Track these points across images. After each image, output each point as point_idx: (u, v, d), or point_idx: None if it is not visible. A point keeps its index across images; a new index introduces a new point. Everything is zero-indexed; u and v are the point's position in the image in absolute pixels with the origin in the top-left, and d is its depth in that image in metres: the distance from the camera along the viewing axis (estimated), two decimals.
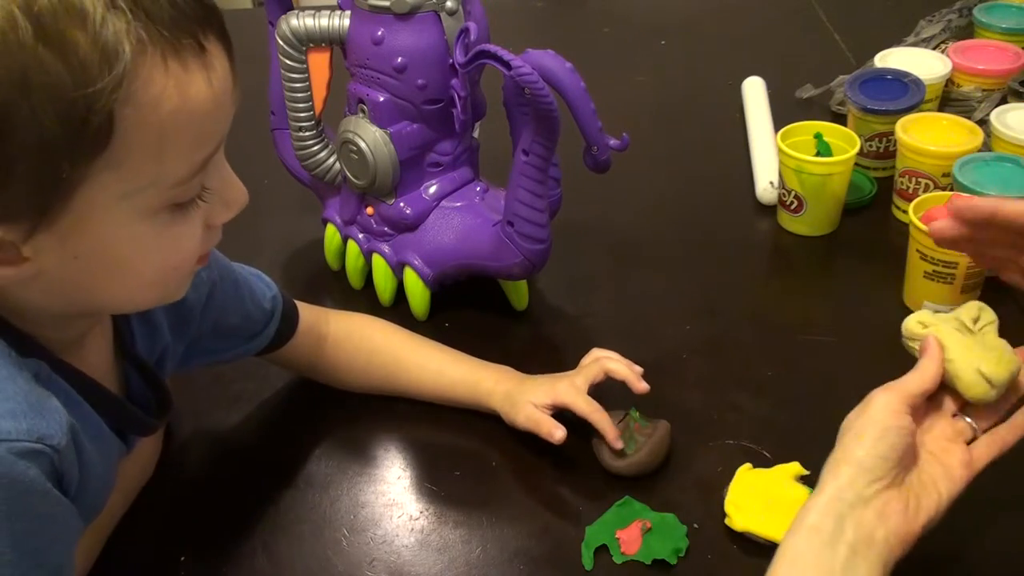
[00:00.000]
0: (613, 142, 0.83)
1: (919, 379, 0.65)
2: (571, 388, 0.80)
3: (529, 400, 0.80)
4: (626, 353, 0.82)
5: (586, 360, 0.83)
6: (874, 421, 0.62)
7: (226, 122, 0.55)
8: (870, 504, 0.60)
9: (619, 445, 0.77)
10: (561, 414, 0.79)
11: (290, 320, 0.83)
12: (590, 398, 0.79)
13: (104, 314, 0.66)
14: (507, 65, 0.77)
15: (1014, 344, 0.70)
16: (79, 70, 0.46)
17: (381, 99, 0.87)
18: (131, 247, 0.54)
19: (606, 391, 0.81)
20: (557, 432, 0.78)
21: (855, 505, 0.59)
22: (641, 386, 0.79)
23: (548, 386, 0.81)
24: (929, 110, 1.12)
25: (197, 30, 0.51)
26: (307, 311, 0.85)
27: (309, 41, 0.90)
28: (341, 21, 0.88)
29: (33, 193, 0.49)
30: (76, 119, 0.47)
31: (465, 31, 0.81)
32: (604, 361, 0.81)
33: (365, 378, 0.87)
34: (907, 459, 0.62)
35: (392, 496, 0.79)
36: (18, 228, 0.50)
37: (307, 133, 0.95)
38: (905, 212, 0.97)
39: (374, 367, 0.87)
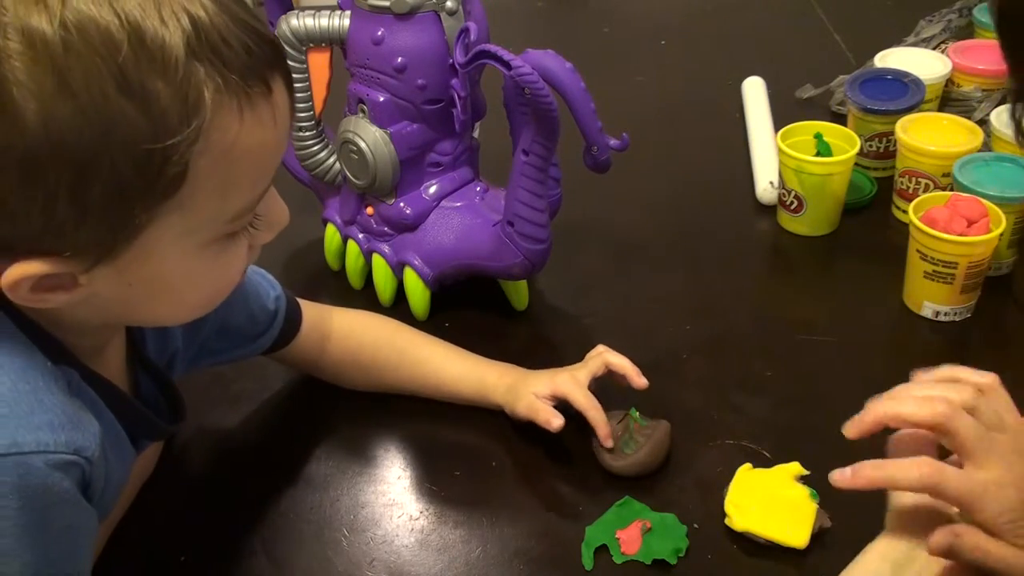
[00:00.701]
0: (613, 142, 0.83)
1: None
2: (571, 380, 0.80)
3: (531, 390, 0.81)
4: (626, 353, 0.82)
5: (590, 355, 0.83)
6: None
7: (283, 154, 0.56)
8: None
9: (609, 443, 0.78)
10: (564, 410, 0.79)
11: (294, 320, 0.83)
12: (589, 393, 0.80)
13: (142, 325, 0.66)
14: (507, 65, 0.77)
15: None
16: (159, 122, 0.47)
17: (381, 99, 0.87)
18: (183, 276, 0.55)
19: (606, 391, 0.81)
20: (555, 420, 0.78)
21: None
22: (640, 381, 0.80)
23: (549, 377, 0.81)
24: (929, 110, 1.12)
25: (267, 72, 0.51)
26: (310, 309, 0.85)
27: (309, 41, 0.90)
28: (341, 21, 0.88)
29: (104, 233, 0.50)
30: (153, 169, 0.47)
31: (465, 31, 0.81)
32: (606, 355, 0.81)
33: (368, 375, 0.87)
34: None
35: (392, 496, 0.79)
36: (82, 262, 0.51)
37: (307, 133, 0.95)
38: (905, 212, 0.97)
39: (377, 363, 0.86)
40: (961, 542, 0.57)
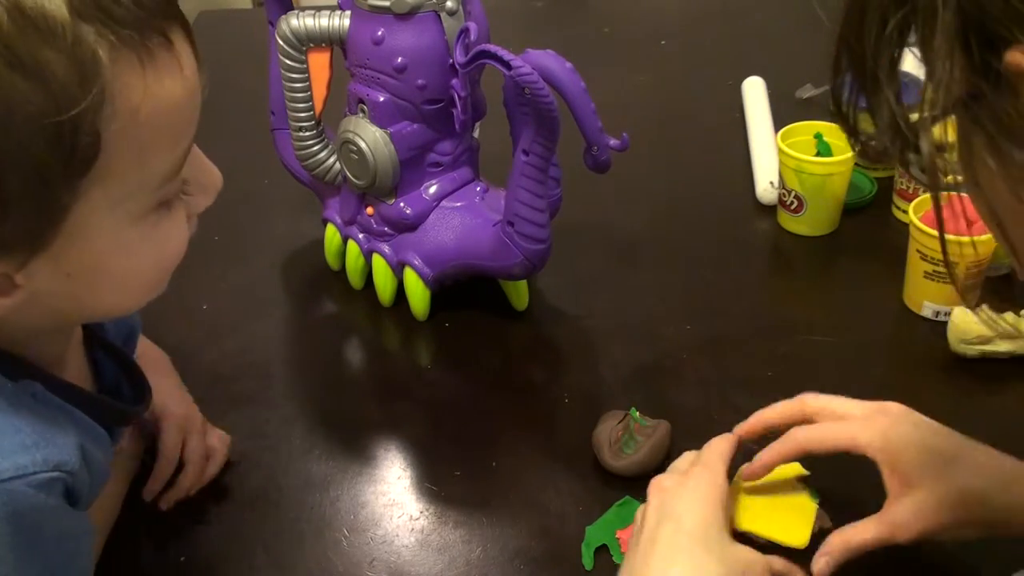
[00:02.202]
0: (613, 142, 0.83)
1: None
2: None
3: None
4: (626, 353, 0.82)
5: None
6: None
7: (198, 110, 0.53)
8: None
9: None
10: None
11: None
12: None
13: (93, 320, 0.65)
14: (507, 65, 0.77)
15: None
16: (59, 93, 0.44)
17: (381, 99, 0.87)
18: (123, 255, 0.53)
19: (606, 391, 0.81)
20: None
21: None
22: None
23: None
24: None
25: (163, 24, 0.49)
26: None
27: (309, 41, 0.90)
28: (341, 21, 0.88)
29: (30, 222, 0.47)
30: (65, 143, 0.45)
31: (465, 31, 0.81)
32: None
33: None
34: None
35: (392, 496, 0.79)
36: (14, 259, 0.49)
37: (307, 133, 0.95)
38: (905, 212, 0.97)
39: None
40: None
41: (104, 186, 0.48)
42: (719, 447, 0.70)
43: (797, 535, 0.71)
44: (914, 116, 0.43)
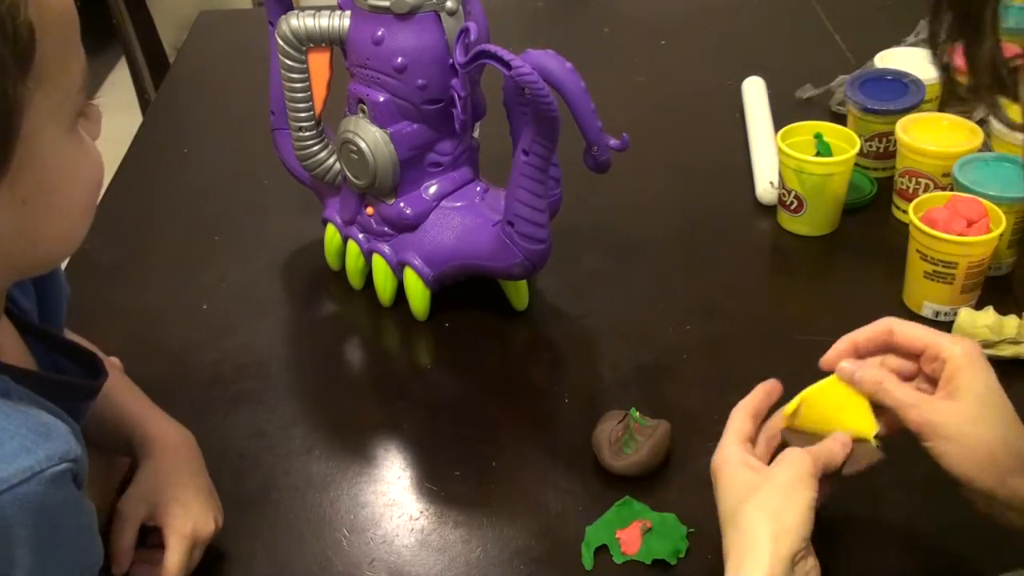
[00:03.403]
0: (613, 142, 0.83)
1: (829, 455, 0.66)
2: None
3: None
4: (626, 353, 0.82)
5: None
6: (800, 486, 0.63)
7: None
8: (798, 569, 0.61)
9: None
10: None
11: None
12: None
13: (39, 272, 0.63)
14: (507, 65, 0.77)
15: None
16: None
17: (381, 99, 0.87)
18: (65, 170, 0.53)
19: (606, 391, 0.81)
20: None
21: (792, 572, 0.61)
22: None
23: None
24: (929, 110, 1.12)
25: None
26: None
27: (309, 41, 0.90)
28: (341, 21, 0.88)
29: None
30: (8, 36, 0.47)
31: (465, 31, 0.81)
32: None
33: None
34: None
35: (392, 496, 0.79)
36: None
37: (307, 133, 0.95)
38: (905, 212, 0.97)
39: None
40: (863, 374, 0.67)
41: (43, 90, 0.50)
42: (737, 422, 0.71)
43: (863, 425, 0.69)
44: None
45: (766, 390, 0.73)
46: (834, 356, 0.71)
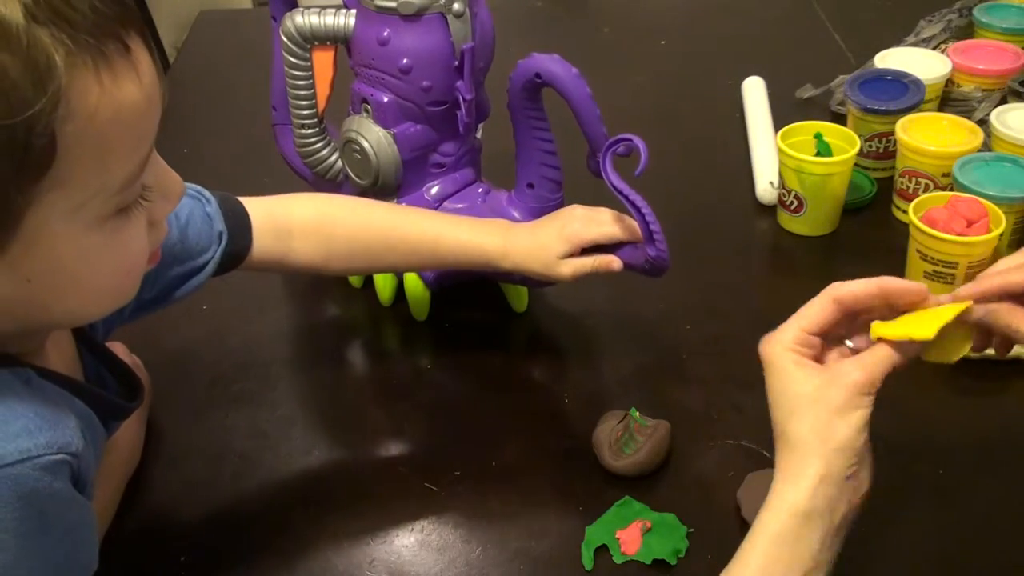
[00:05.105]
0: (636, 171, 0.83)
1: (882, 364, 0.64)
2: (589, 222, 0.85)
3: (556, 257, 0.84)
4: (626, 353, 0.83)
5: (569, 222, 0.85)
6: (851, 405, 0.62)
7: (158, 117, 0.54)
8: (847, 485, 0.60)
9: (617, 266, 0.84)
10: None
11: (241, 236, 0.79)
12: (598, 219, 0.85)
13: (62, 327, 0.64)
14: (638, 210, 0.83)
15: None
16: (12, 95, 0.44)
17: (385, 99, 0.87)
18: (83, 261, 0.52)
19: (606, 391, 0.81)
20: (615, 263, 0.84)
21: (843, 488, 0.60)
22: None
23: (557, 232, 0.84)
24: (929, 110, 1.12)
25: (120, 30, 0.49)
26: (258, 208, 0.80)
27: (314, 39, 0.90)
28: (346, 20, 0.88)
29: None
30: (19, 146, 0.45)
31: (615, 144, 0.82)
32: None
33: (349, 262, 0.86)
34: None
35: (392, 496, 0.79)
36: None
37: (310, 131, 0.95)
38: (905, 212, 0.97)
39: (358, 251, 0.85)
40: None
41: (63, 191, 0.48)
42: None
43: (926, 328, 0.63)
44: None
45: (881, 286, 0.67)
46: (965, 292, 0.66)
